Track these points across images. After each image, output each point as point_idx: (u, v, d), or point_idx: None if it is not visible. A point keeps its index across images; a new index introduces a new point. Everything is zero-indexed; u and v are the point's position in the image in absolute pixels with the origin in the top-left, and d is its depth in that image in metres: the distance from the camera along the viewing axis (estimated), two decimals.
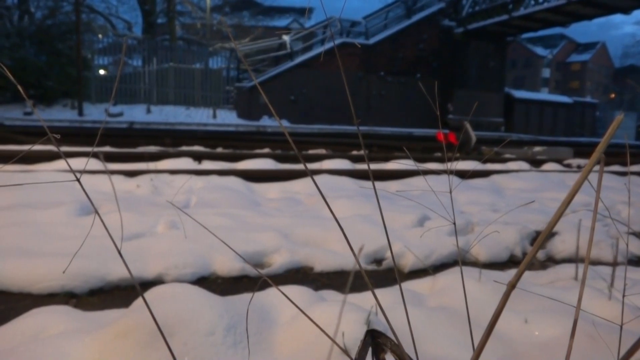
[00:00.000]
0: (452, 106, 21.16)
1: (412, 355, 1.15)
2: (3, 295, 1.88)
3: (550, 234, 3.32)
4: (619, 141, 19.21)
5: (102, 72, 18.91)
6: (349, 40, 19.43)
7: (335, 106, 18.97)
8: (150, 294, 1.47)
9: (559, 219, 0.43)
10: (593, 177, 4.64)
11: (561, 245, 2.91)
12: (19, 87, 0.59)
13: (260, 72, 18.83)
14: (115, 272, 2.03)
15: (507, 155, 9.06)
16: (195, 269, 2.16)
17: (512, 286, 0.42)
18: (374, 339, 0.81)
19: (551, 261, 2.81)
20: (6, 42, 15.53)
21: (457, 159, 7.42)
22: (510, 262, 2.77)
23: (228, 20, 27.85)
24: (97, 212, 0.59)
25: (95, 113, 16.01)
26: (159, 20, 26.21)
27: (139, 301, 1.45)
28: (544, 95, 32.11)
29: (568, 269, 2.36)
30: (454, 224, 0.59)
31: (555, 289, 1.99)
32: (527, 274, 2.45)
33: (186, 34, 27.96)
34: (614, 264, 1.94)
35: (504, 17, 19.46)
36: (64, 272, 1.88)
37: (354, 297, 1.87)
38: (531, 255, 0.43)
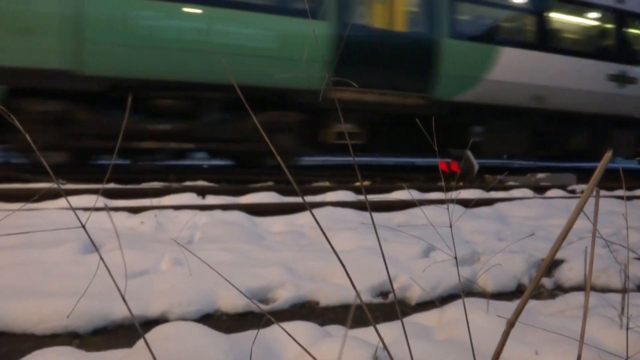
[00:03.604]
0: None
1: None
2: (6, 336, 1.87)
3: (556, 261, 3.27)
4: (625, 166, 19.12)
5: None
6: None
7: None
8: (154, 334, 1.46)
9: (557, 250, 0.43)
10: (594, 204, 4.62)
11: (569, 273, 2.87)
12: (27, 136, 0.61)
13: None
14: (119, 310, 2.01)
15: (511, 183, 9.04)
16: (199, 306, 2.14)
17: (510, 325, 0.42)
18: None
19: (560, 290, 2.77)
20: None
21: (459, 187, 7.42)
22: (519, 291, 2.73)
23: None
24: (99, 253, 0.59)
25: None
26: None
27: (142, 341, 1.43)
28: None
29: (577, 297, 2.32)
30: (455, 258, 0.60)
31: (565, 319, 1.96)
32: (536, 303, 2.41)
33: None
34: (624, 292, 1.91)
35: None
36: (68, 316, 1.86)
37: (362, 332, 1.84)
38: (530, 289, 0.43)
